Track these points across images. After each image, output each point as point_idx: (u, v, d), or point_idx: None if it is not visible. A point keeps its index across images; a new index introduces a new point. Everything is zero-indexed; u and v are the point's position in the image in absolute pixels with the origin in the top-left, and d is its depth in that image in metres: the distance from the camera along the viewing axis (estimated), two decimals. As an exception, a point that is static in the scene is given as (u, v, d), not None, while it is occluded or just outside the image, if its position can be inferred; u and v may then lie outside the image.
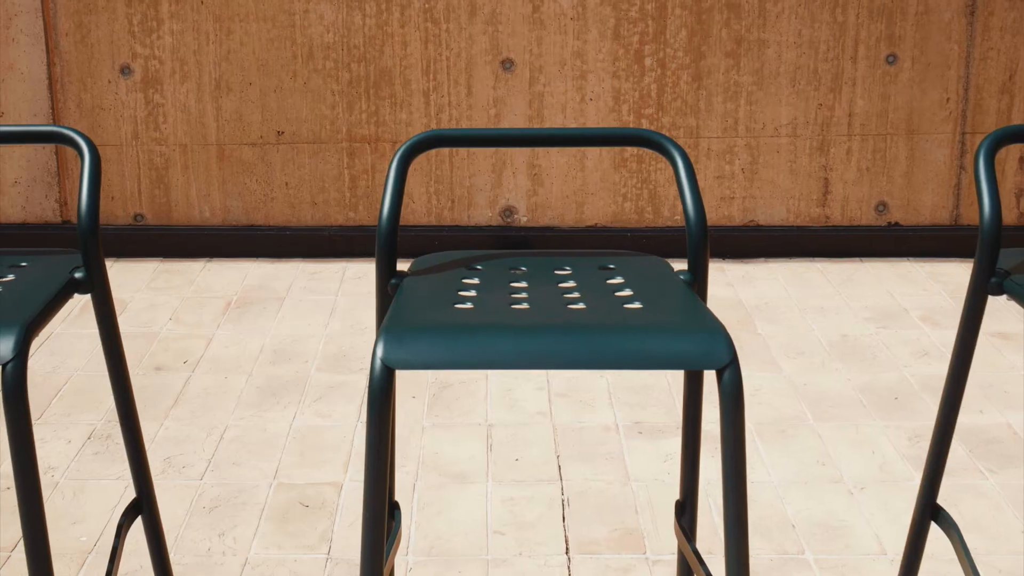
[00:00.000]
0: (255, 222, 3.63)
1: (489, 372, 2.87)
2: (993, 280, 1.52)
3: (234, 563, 2.11)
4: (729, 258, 3.62)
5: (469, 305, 1.40)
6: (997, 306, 3.25)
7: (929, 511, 1.70)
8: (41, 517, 1.31)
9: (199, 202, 3.61)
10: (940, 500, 2.30)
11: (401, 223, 3.61)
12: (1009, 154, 3.55)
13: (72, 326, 3.13)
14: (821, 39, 3.47)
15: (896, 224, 3.61)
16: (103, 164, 3.59)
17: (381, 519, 1.35)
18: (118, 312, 3.23)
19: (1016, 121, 3.52)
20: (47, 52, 3.50)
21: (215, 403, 2.71)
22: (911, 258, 3.61)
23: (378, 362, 1.28)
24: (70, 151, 3.58)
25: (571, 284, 1.50)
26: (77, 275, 1.52)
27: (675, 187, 3.53)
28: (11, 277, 1.51)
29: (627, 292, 1.46)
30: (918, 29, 3.45)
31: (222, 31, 3.48)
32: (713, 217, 3.60)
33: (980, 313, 1.56)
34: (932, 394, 2.74)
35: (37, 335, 1.38)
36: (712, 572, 2.07)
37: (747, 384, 2.80)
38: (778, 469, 2.42)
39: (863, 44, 3.47)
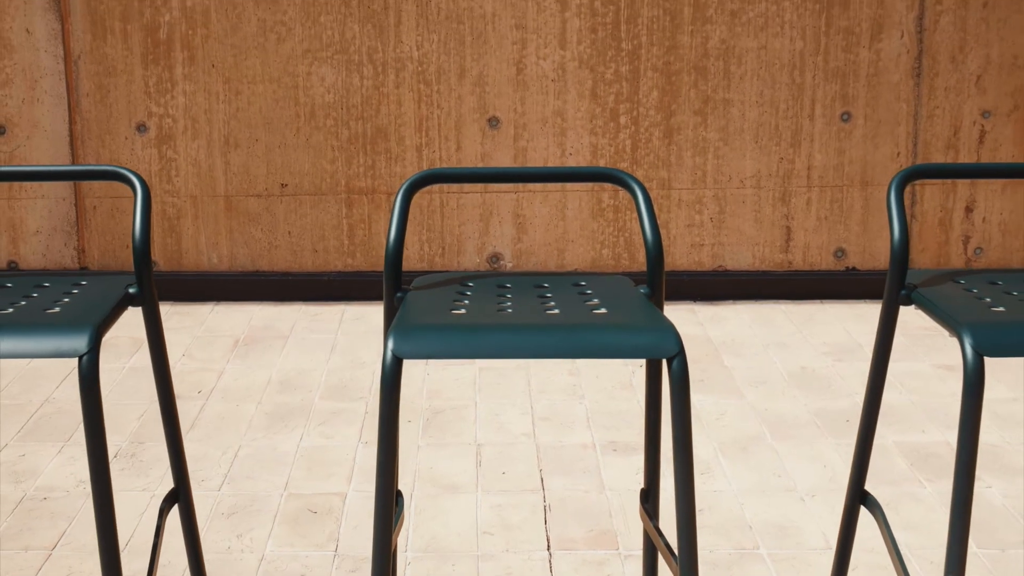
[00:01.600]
0: (260, 268, 3.91)
1: (478, 398, 3.14)
2: (903, 292, 1.81)
3: (252, 559, 2.37)
4: (699, 300, 3.91)
5: (463, 311, 1.69)
6: (943, 343, 3.54)
7: (858, 495, 1.97)
8: (107, 477, 1.58)
9: (208, 250, 3.89)
10: (884, 505, 2.57)
11: (395, 269, 3.89)
12: (956, 205, 3.86)
13: (93, 361, 3.40)
14: (781, 99, 3.78)
15: (853, 269, 3.91)
16: (120, 215, 3.87)
17: (391, 491, 1.61)
18: (136, 350, 3.50)
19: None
20: (69, 111, 3.79)
21: (228, 427, 2.98)
22: (867, 300, 3.91)
23: (389, 354, 1.56)
24: (89, 203, 3.86)
25: (548, 296, 1.78)
26: (131, 290, 1.80)
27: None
28: (76, 291, 1.79)
29: (595, 301, 1.74)
30: (869, 89, 3.77)
31: (231, 92, 3.78)
32: (684, 263, 3.90)
33: (894, 320, 1.85)
34: (880, 417, 3.02)
35: (104, 335, 1.65)
36: (671, 545, 2.33)
37: (713, 409, 3.08)
38: (738, 480, 2.69)
39: (819, 103, 3.79)
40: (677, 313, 3.79)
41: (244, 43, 3.75)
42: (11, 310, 1.69)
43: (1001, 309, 1.69)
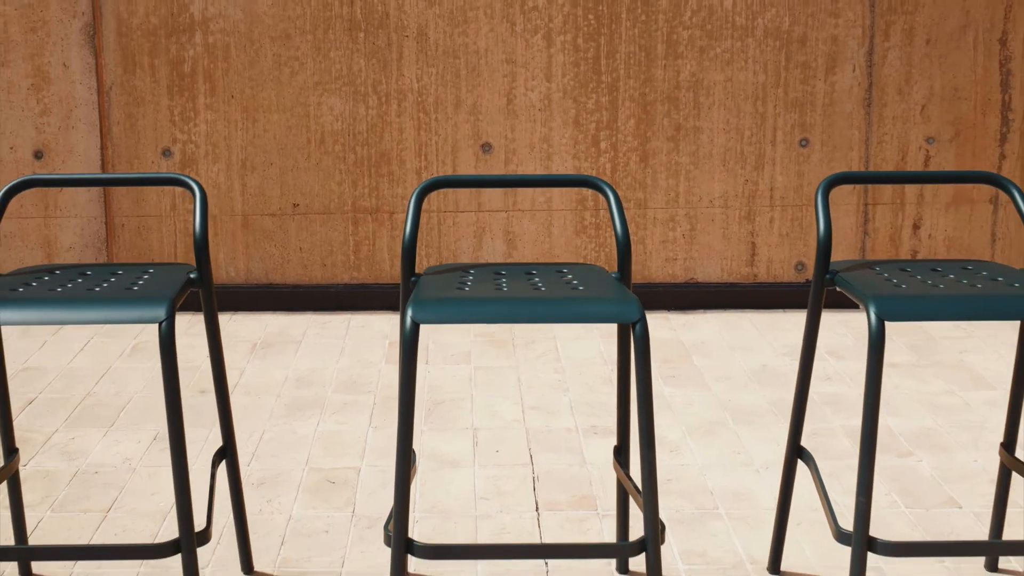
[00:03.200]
0: (273, 281, 4.29)
1: (474, 392, 3.52)
2: (827, 276, 2.20)
3: (280, 519, 2.74)
4: (673, 309, 4.30)
5: (467, 288, 2.07)
6: (888, 345, 3.93)
7: (796, 450, 2.36)
8: (180, 425, 1.96)
9: (226, 264, 4.27)
10: (826, 475, 2.95)
11: (393, 281, 4.28)
12: (904, 222, 4.26)
13: (126, 361, 3.77)
14: (746, 126, 4.19)
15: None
16: (145, 232, 4.26)
17: (410, 439, 1.99)
18: (163, 351, 3.88)
19: (909, 194, 4.24)
20: (101, 137, 4.18)
21: (252, 415, 3.35)
22: (825, 309, 4.30)
23: (409, 320, 1.95)
24: (118, 222, 4.24)
25: (536, 279, 2.17)
26: (192, 276, 2.18)
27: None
28: (147, 276, 2.17)
29: (574, 283, 2.13)
30: (825, 118, 4.19)
31: (248, 120, 4.18)
32: (658, 275, 4.29)
33: (820, 300, 2.24)
34: (829, 407, 3.41)
35: (178, 306, 2.04)
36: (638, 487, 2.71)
37: (682, 400, 3.46)
38: (702, 456, 3.07)
39: (780, 130, 4.20)
40: (653, 321, 4.18)
41: (261, 76, 4.15)
42: (98, 289, 2.07)
43: (904, 287, 2.08)
